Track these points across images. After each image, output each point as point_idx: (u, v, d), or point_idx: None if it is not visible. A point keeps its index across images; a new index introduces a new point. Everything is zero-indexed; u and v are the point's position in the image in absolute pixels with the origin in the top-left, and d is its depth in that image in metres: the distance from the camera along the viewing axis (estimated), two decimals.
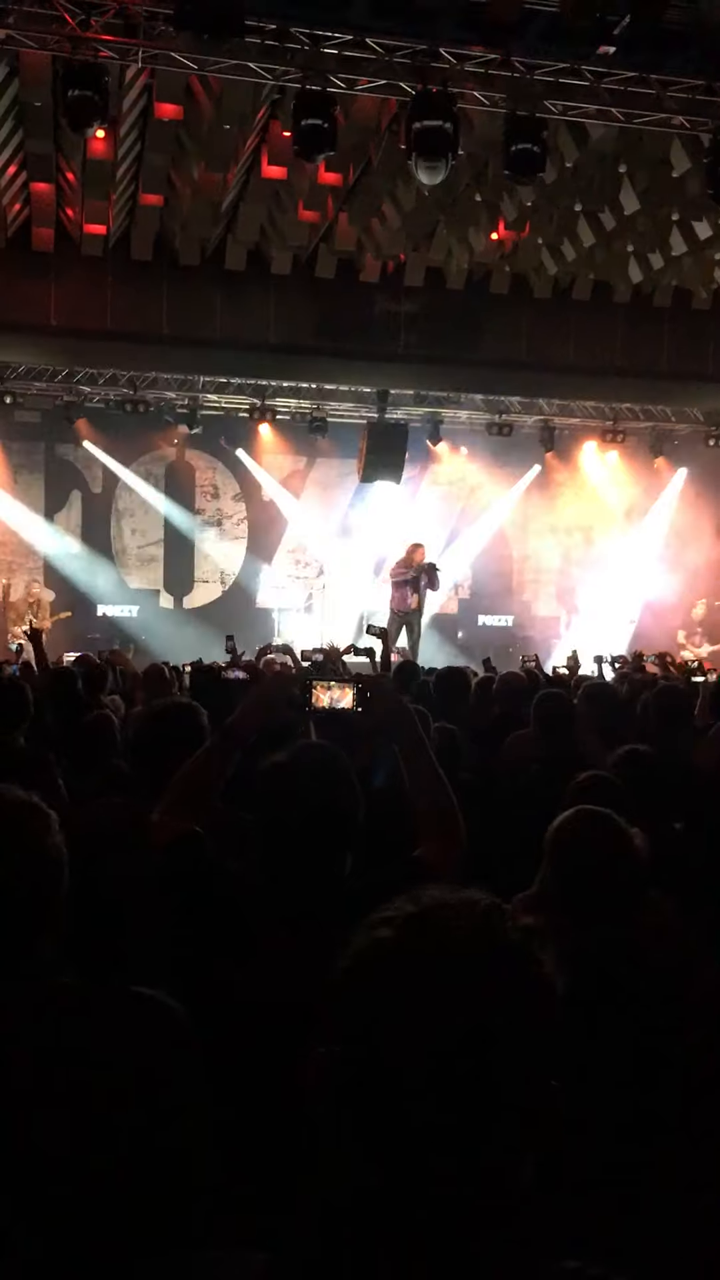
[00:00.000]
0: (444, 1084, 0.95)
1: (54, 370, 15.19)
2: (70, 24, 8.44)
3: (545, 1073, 0.99)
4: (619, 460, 17.89)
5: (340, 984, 1.02)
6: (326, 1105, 1.00)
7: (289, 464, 17.27)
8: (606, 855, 2.38)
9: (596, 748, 4.53)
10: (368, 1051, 0.97)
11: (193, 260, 12.63)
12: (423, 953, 0.99)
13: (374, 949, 1.02)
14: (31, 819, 1.76)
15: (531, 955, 1.01)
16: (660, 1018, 2.23)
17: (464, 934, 1.00)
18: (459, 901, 1.04)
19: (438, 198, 10.90)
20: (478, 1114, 0.95)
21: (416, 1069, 0.95)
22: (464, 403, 16.73)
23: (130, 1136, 1.47)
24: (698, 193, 10.29)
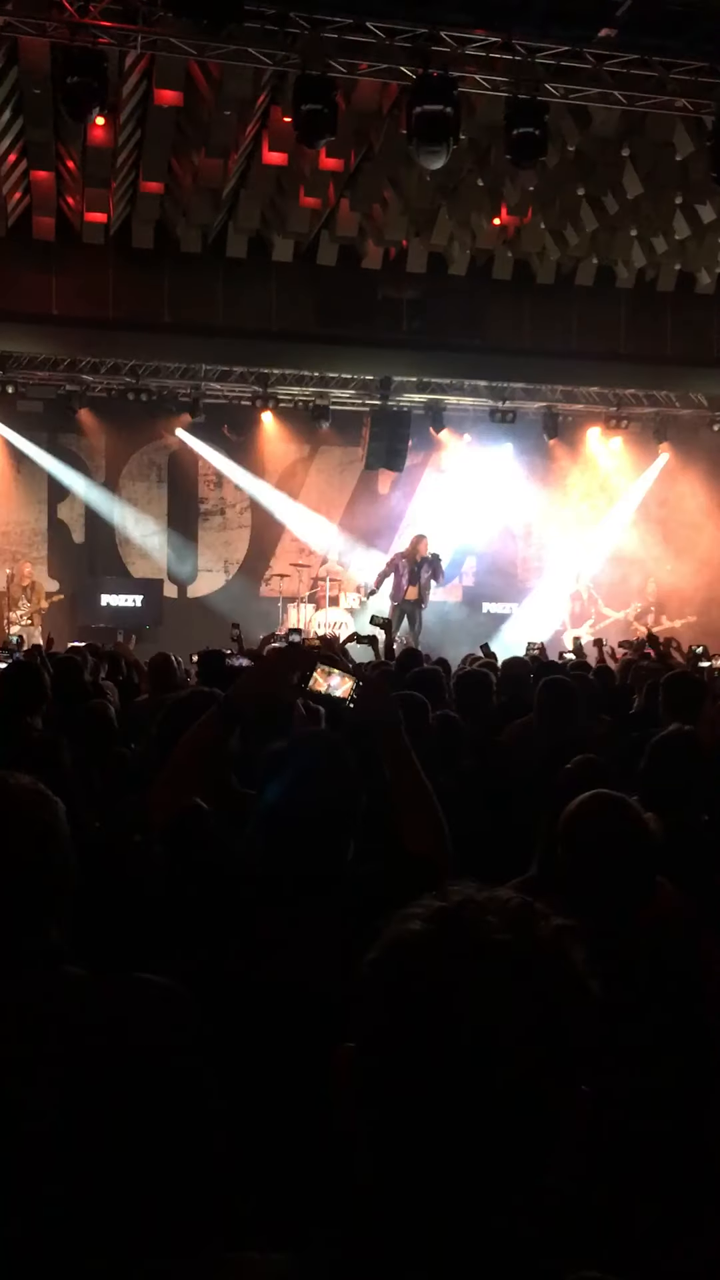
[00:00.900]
0: (474, 1085, 0.93)
1: (56, 359, 15.16)
2: (69, 10, 8.41)
3: (576, 1076, 0.97)
4: (623, 446, 17.84)
5: (367, 978, 1.00)
6: (351, 1103, 0.98)
7: (292, 452, 17.23)
8: (623, 840, 2.37)
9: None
10: (395, 1049, 0.95)
11: (194, 248, 12.60)
12: (455, 949, 0.97)
13: (404, 944, 0.99)
14: (41, 807, 1.75)
15: (566, 954, 0.99)
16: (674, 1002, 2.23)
17: (497, 931, 0.98)
18: (489, 899, 1.02)
19: (439, 183, 10.86)
20: (508, 1116, 0.93)
21: (446, 1068, 0.93)
22: (467, 389, 16.68)
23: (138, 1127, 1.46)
24: (701, 176, 10.25)
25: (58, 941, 1.69)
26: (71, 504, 16.63)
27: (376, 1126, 0.96)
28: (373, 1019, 0.98)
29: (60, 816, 1.76)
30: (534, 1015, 0.95)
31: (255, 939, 2.16)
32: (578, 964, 0.99)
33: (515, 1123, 0.93)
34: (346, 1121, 0.99)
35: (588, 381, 16.21)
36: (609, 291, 13.78)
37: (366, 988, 1.00)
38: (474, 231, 12.32)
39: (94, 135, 10.20)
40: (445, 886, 1.04)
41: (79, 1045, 1.51)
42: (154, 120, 10.44)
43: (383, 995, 0.98)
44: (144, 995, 1.60)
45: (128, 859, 2.94)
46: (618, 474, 18.08)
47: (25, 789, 1.76)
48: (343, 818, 2.26)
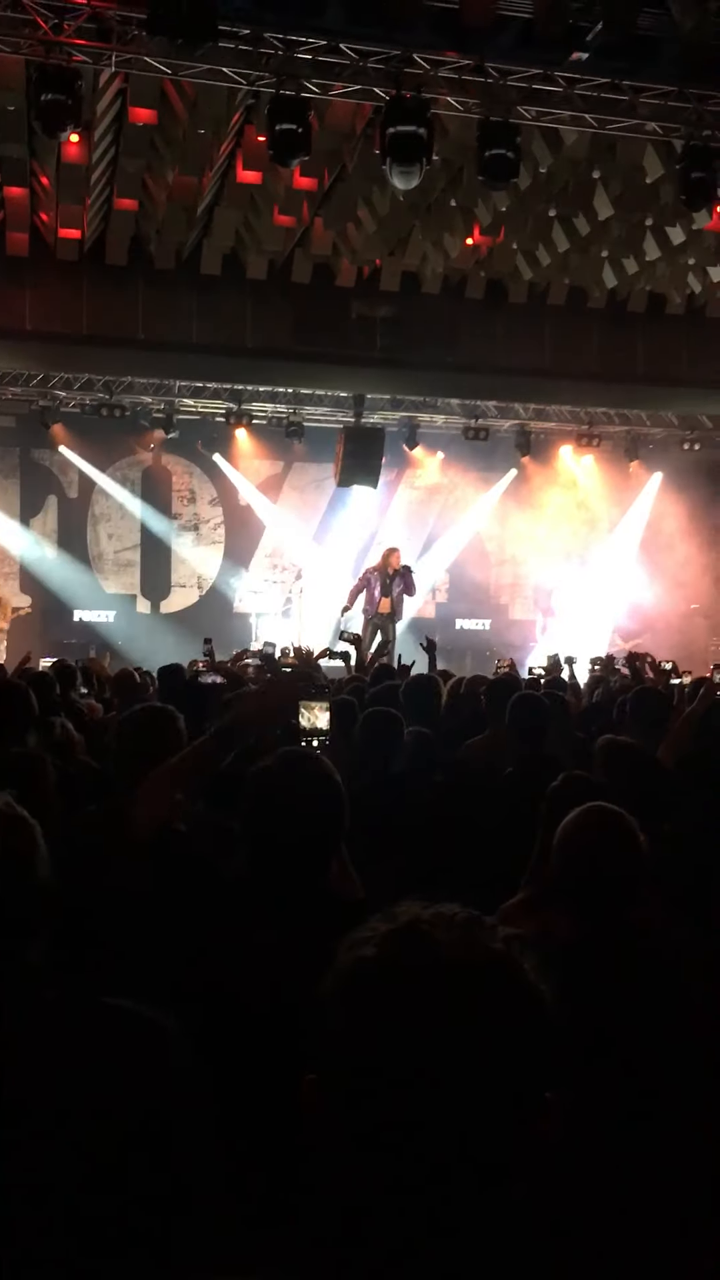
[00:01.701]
0: (435, 1101, 0.93)
1: (29, 375, 15.14)
2: (43, 28, 8.43)
3: (540, 1084, 0.97)
4: (595, 464, 17.97)
5: (324, 1008, 1.00)
6: (321, 1131, 0.98)
7: (266, 468, 17.27)
8: (620, 853, 2.46)
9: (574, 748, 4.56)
10: (356, 1075, 0.96)
11: (168, 264, 12.61)
12: (406, 970, 0.97)
13: (355, 970, 0.99)
14: (17, 831, 1.73)
15: (517, 965, 1.00)
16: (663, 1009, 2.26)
17: (446, 948, 0.98)
18: (435, 916, 1.02)
19: (413, 203, 10.94)
20: (472, 1130, 0.93)
21: (407, 1088, 0.93)
22: (440, 407, 16.78)
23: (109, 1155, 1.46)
24: (670, 199, 10.37)
25: (35, 965, 1.68)
26: (44, 519, 16.59)
27: (344, 1152, 0.96)
28: (332, 1048, 0.98)
29: (36, 839, 1.73)
30: (492, 1029, 0.95)
31: (236, 956, 2.17)
32: (530, 973, 1.00)
33: (481, 1136, 0.94)
34: (316, 1148, 0.99)
35: (560, 400, 16.33)
36: (581, 311, 13.90)
37: (323, 1017, 1.00)
38: (447, 251, 12.40)
39: (68, 152, 10.21)
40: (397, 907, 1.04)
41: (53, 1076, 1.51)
42: (128, 138, 10.47)
43: (340, 1024, 0.98)
44: (116, 1021, 1.60)
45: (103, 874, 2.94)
46: (589, 491, 18.21)
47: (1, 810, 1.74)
48: (325, 835, 2.27)
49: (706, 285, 13.22)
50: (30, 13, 8.39)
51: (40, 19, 8.40)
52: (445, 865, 3.48)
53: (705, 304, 14.01)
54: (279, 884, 2.23)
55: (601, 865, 2.44)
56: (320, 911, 2.16)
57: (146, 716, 3.24)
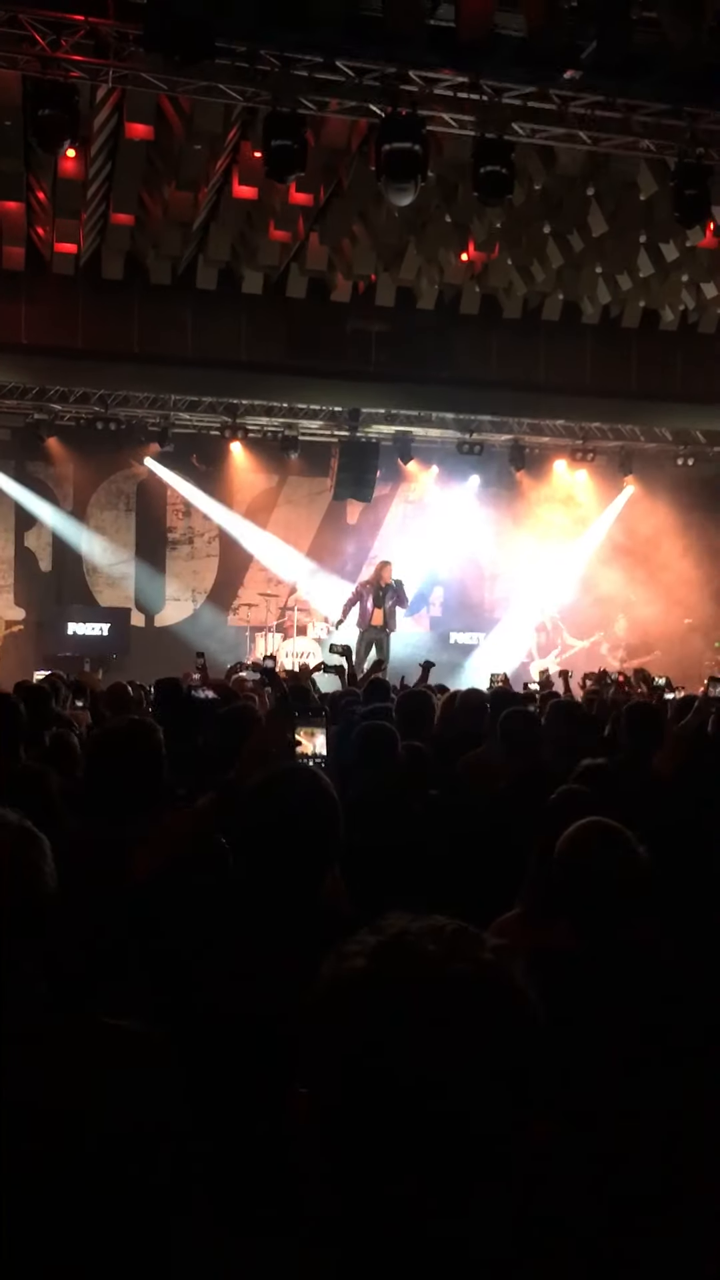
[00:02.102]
0: (424, 1116, 0.92)
1: (24, 388, 15.16)
2: (40, 44, 8.47)
3: (533, 1094, 0.96)
4: (589, 478, 18.02)
5: (311, 1021, 0.99)
6: (309, 1146, 0.97)
7: (261, 482, 17.29)
8: (621, 866, 2.47)
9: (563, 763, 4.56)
10: (345, 1088, 0.94)
11: (164, 279, 12.66)
12: (395, 982, 0.96)
13: (343, 983, 0.98)
14: (29, 846, 1.72)
15: (507, 975, 0.99)
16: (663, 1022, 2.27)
17: (435, 960, 0.97)
18: (424, 927, 1.01)
19: (408, 218, 10.99)
20: (464, 1142, 0.92)
21: (395, 1102, 0.92)
22: (435, 421, 16.82)
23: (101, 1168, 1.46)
24: (664, 215, 10.42)
25: (34, 980, 1.67)
26: (39, 532, 16.59)
27: (333, 1166, 0.95)
28: (321, 1061, 0.97)
29: (46, 854, 1.72)
30: (483, 1040, 0.94)
31: (230, 970, 2.17)
32: (520, 982, 0.99)
33: (474, 1148, 0.93)
34: (305, 1163, 0.98)
35: (554, 415, 16.38)
36: (575, 327, 13.96)
37: (312, 1030, 0.99)
38: (442, 266, 12.46)
39: (65, 167, 10.25)
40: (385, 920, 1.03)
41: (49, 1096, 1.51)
42: (125, 153, 10.51)
43: (329, 1037, 0.97)
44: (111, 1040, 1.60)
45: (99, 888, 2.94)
46: (584, 506, 18.25)
47: (11, 826, 1.73)
48: (320, 849, 2.28)
49: (700, 301, 13.30)
50: (27, 28, 8.43)
51: (38, 35, 8.44)
52: (439, 879, 3.48)
53: (698, 320, 14.08)
54: (273, 896, 2.23)
55: (603, 878, 2.46)
56: (313, 925, 2.16)
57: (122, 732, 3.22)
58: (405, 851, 3.60)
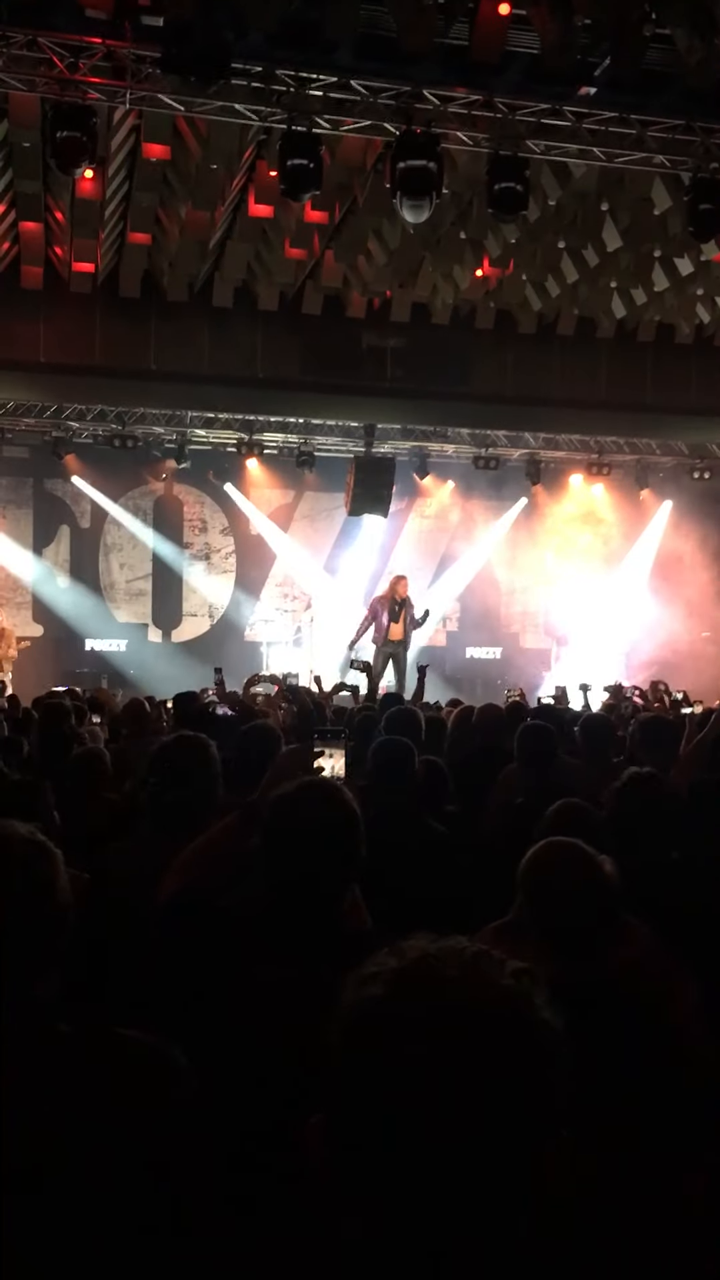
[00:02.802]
0: (448, 1142, 0.91)
1: (43, 406, 15.26)
2: (59, 67, 8.56)
3: (554, 1124, 0.95)
4: (605, 492, 18.01)
5: (332, 1048, 0.98)
6: (326, 1174, 0.96)
7: (277, 498, 17.34)
8: (576, 885, 2.40)
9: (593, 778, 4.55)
10: (366, 1116, 0.93)
11: (180, 297, 12.74)
12: (415, 1009, 0.95)
13: (363, 1010, 0.97)
14: (40, 858, 1.70)
15: (529, 1002, 0.97)
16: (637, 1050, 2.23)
17: (455, 985, 0.96)
18: (444, 950, 0.99)
19: (423, 235, 11.03)
20: (483, 1175, 0.91)
21: (419, 1129, 0.91)
22: (450, 436, 16.85)
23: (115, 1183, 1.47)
24: (678, 230, 10.45)
25: (50, 996, 1.67)
26: (57, 549, 16.68)
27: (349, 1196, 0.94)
28: (339, 1090, 0.96)
29: (59, 867, 1.71)
30: (505, 1065, 0.93)
31: (248, 989, 2.17)
32: (542, 1006, 0.97)
33: (493, 1181, 0.92)
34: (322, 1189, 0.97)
35: (570, 429, 16.39)
36: (590, 341, 13.98)
37: (333, 1059, 0.97)
38: (457, 282, 12.50)
39: (82, 187, 10.34)
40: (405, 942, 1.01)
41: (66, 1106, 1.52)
42: (142, 173, 10.60)
43: (347, 1065, 0.96)
44: (129, 1052, 1.60)
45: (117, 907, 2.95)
46: (601, 519, 18.24)
47: (22, 839, 1.72)
48: (341, 865, 2.27)
49: (715, 315, 13.30)
50: (46, 51, 8.53)
51: (56, 58, 8.53)
52: (459, 896, 3.48)
53: (713, 334, 14.08)
54: (292, 912, 2.23)
55: (558, 902, 2.37)
56: (332, 942, 2.16)
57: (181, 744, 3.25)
58: (424, 869, 3.60)
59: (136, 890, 2.66)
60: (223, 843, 2.59)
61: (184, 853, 2.57)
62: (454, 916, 2.99)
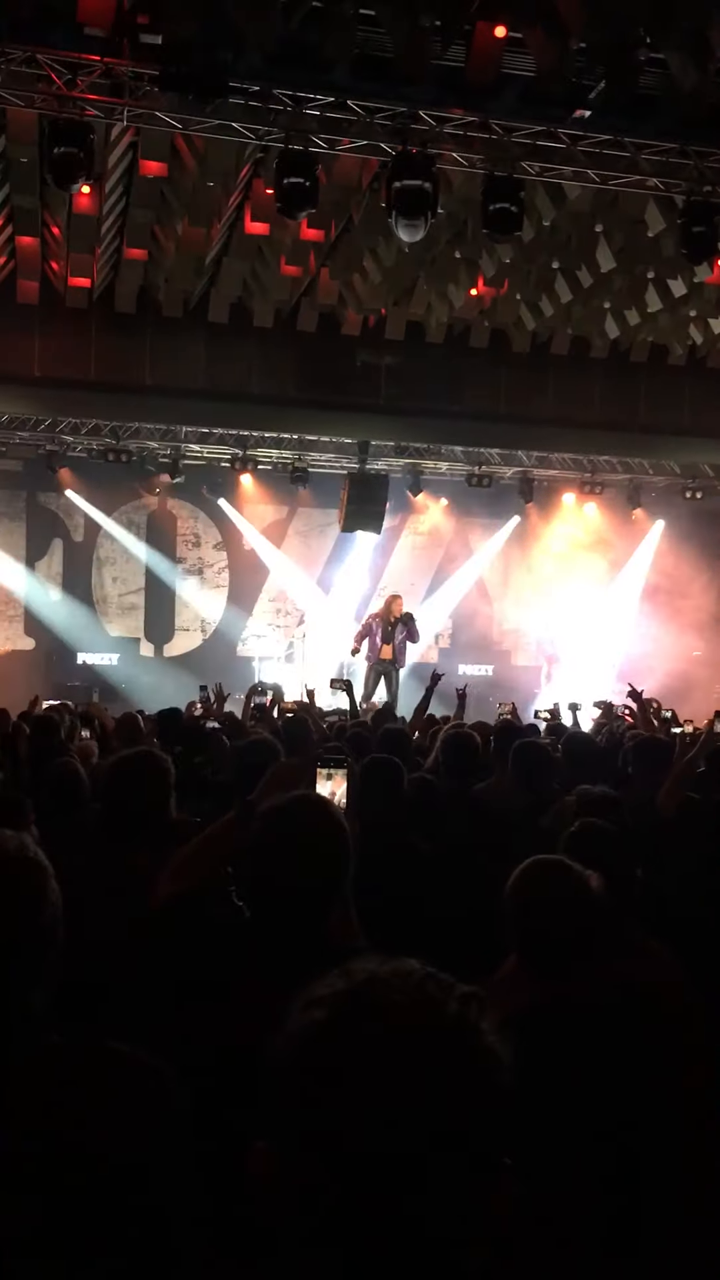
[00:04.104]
0: (387, 1174, 0.88)
1: (37, 420, 15.28)
2: (57, 83, 8.60)
3: (497, 1150, 0.93)
4: (598, 511, 18.07)
5: (275, 1072, 0.96)
6: (273, 1197, 0.94)
7: (270, 513, 17.37)
8: (563, 903, 2.38)
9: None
10: (304, 1142, 0.91)
11: (176, 313, 12.77)
12: (358, 1033, 0.93)
13: (306, 1033, 0.95)
14: (32, 871, 1.71)
15: (473, 1025, 0.95)
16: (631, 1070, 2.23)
17: (400, 1009, 0.94)
18: (393, 973, 0.97)
19: (418, 254, 11.08)
20: (425, 1202, 0.89)
21: (350, 1163, 0.89)
22: (444, 454, 16.90)
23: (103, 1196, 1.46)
24: (672, 252, 10.50)
25: (39, 1009, 1.67)
26: (49, 562, 16.68)
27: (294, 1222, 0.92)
28: (281, 1115, 0.94)
29: (50, 881, 1.71)
30: (445, 1096, 0.91)
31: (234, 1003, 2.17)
32: (487, 1034, 0.95)
33: (436, 1207, 0.89)
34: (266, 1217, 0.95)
35: (562, 448, 16.45)
36: (583, 361, 14.04)
37: (274, 1083, 0.95)
38: (451, 301, 12.55)
39: (79, 203, 10.38)
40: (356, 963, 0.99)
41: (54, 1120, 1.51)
42: (139, 189, 10.64)
43: (288, 1090, 0.94)
44: (121, 1067, 1.60)
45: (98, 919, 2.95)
46: (592, 538, 18.29)
47: (14, 852, 1.72)
48: (327, 880, 2.26)
49: (708, 336, 13.37)
50: (44, 69, 8.56)
51: (54, 75, 8.57)
52: (447, 914, 3.47)
53: (706, 355, 14.15)
54: (276, 927, 2.22)
55: (549, 920, 2.34)
56: (317, 957, 2.15)
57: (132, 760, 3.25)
58: (413, 889, 3.59)
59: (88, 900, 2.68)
60: (217, 847, 2.58)
61: (177, 855, 2.56)
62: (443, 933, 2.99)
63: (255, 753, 4.28)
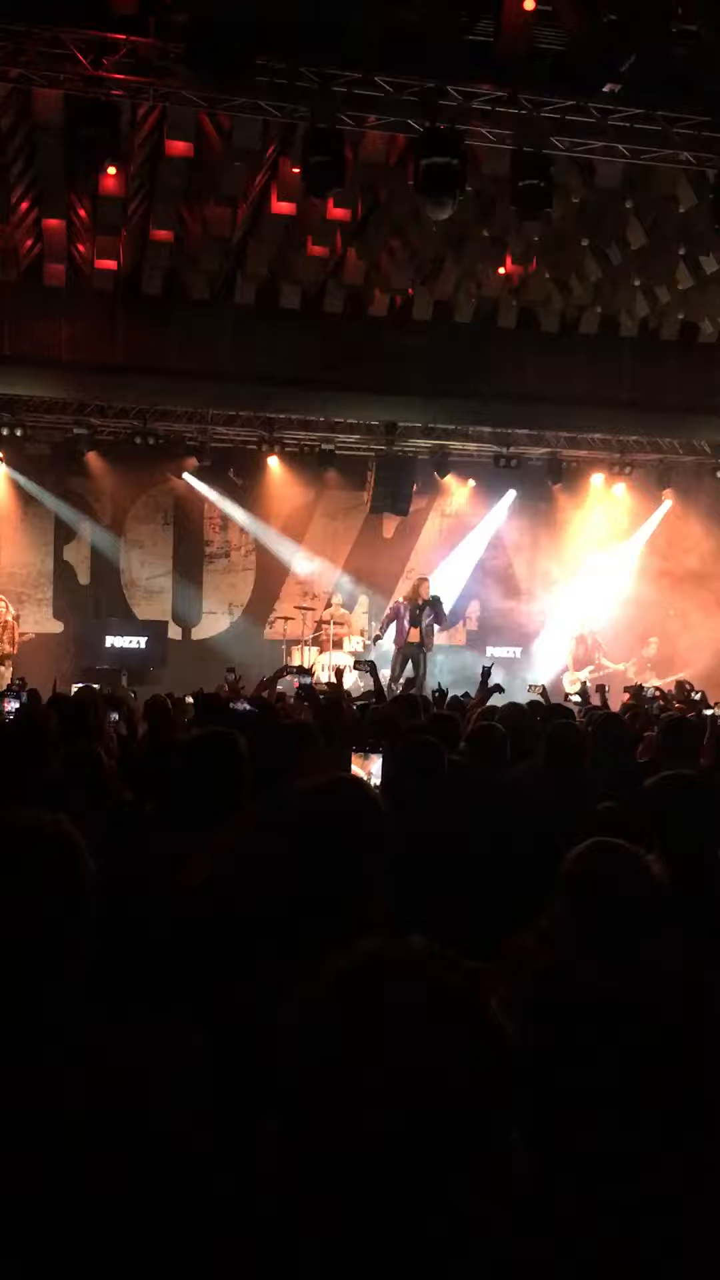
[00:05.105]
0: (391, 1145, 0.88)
1: (64, 403, 15.30)
2: (83, 63, 8.56)
3: (502, 1124, 0.92)
4: (627, 492, 17.93)
5: (281, 1050, 0.96)
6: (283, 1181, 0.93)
7: (297, 496, 17.32)
8: (625, 886, 2.37)
9: None
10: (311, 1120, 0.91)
11: (202, 295, 12.74)
12: (359, 1010, 0.93)
13: (310, 1012, 0.96)
14: (64, 847, 1.73)
15: (475, 1003, 0.95)
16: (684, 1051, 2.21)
17: (403, 987, 0.94)
18: (396, 952, 0.98)
19: (445, 233, 11.00)
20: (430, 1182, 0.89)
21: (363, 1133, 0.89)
22: (471, 435, 16.80)
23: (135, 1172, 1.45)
24: (704, 228, 10.38)
25: (75, 980, 1.67)
26: (78, 546, 16.71)
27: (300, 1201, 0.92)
28: (289, 1093, 0.94)
29: (84, 858, 1.73)
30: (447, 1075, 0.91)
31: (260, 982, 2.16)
32: (489, 1012, 0.95)
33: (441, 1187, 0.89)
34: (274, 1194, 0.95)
35: (592, 428, 16.32)
36: (613, 340, 13.91)
37: (280, 1060, 0.95)
38: (479, 280, 12.46)
39: (105, 185, 10.35)
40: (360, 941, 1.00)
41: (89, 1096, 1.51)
42: (164, 170, 10.60)
43: (295, 1068, 0.94)
44: (164, 1045, 1.59)
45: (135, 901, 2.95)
46: (621, 519, 18.16)
47: (48, 828, 1.73)
48: (364, 860, 2.25)
49: None
50: (70, 48, 8.52)
51: (80, 54, 8.53)
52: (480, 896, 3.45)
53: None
54: (312, 907, 2.21)
55: (610, 903, 2.35)
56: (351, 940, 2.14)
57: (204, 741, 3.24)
58: (449, 867, 3.58)
59: (152, 885, 2.67)
60: (248, 837, 2.58)
61: (211, 845, 2.56)
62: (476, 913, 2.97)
63: (286, 736, 4.27)
